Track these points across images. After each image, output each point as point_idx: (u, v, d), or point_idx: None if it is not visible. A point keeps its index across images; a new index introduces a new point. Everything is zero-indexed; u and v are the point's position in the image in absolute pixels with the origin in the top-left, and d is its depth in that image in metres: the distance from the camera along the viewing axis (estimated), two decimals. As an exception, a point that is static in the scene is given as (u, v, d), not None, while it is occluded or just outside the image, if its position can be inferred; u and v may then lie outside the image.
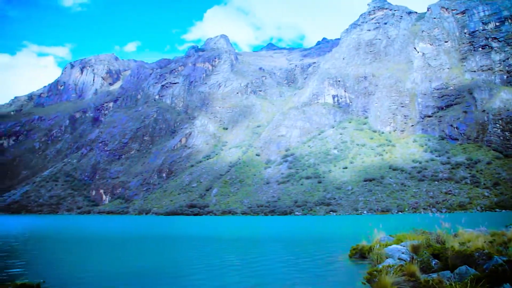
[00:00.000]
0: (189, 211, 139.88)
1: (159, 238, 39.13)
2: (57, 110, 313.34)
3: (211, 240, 36.27)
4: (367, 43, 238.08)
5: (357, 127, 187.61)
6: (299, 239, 36.38)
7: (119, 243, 34.35)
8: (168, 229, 56.82)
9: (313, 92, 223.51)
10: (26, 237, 39.98)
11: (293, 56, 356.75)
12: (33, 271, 17.89)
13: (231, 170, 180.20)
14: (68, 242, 36.32)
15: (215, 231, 52.53)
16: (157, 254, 25.05)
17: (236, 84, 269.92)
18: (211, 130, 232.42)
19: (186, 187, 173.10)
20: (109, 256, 24.73)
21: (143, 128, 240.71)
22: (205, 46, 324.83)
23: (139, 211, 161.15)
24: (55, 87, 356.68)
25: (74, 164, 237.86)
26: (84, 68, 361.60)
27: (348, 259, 19.68)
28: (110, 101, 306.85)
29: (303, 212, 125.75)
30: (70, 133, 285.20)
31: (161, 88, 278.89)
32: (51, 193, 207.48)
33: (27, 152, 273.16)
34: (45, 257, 24.09)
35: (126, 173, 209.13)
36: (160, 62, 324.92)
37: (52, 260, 22.60)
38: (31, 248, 29.81)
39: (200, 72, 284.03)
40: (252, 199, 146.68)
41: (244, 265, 19.57)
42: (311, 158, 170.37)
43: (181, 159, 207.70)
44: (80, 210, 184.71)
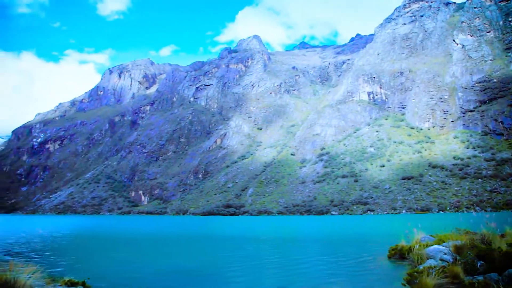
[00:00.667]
0: (225, 211, 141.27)
1: (197, 238, 39.74)
2: (97, 115, 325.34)
3: (249, 240, 36.43)
4: (403, 37, 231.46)
5: (394, 124, 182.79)
6: (337, 239, 35.89)
7: (159, 243, 35.17)
8: (205, 229, 57.60)
9: (348, 89, 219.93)
10: (72, 236, 41.73)
11: (327, 54, 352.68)
12: (79, 268, 18.65)
13: (266, 170, 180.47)
14: (111, 241, 37.61)
15: (252, 231, 52.74)
16: (196, 254, 25.44)
17: (270, 84, 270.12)
18: (246, 130, 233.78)
19: (222, 187, 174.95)
20: (150, 255, 25.36)
21: (179, 130, 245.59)
22: (238, 47, 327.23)
23: (176, 211, 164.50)
24: (95, 93, 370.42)
25: (114, 166, 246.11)
26: (122, 74, 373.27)
27: (386, 260, 19.21)
28: (147, 105, 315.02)
29: (340, 212, 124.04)
30: (110, 136, 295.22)
31: (195, 90, 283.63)
32: (93, 194, 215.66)
33: (71, 155, 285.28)
34: (90, 255, 25.04)
35: (164, 174, 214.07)
36: (194, 64, 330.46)
37: (96, 258, 23.45)
38: (76, 247, 31.11)
39: (233, 73, 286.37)
40: (287, 199, 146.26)
41: (283, 265, 19.51)
42: (346, 156, 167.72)
43: (216, 159, 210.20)
44: (121, 211, 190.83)
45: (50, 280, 11.21)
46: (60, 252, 26.24)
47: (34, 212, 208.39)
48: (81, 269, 18.32)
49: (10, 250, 25.74)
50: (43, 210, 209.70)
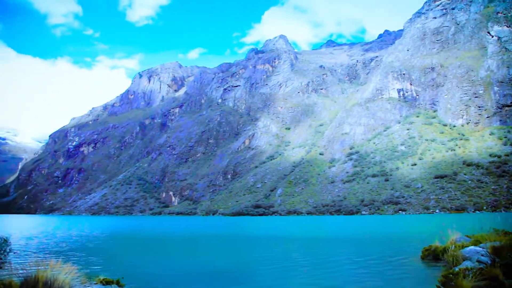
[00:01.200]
0: (255, 212, 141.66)
1: (227, 238, 40.11)
2: (128, 118, 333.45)
3: (279, 240, 36.46)
4: (433, 31, 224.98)
5: (426, 121, 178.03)
6: (368, 239, 35.37)
7: (190, 243, 35.73)
8: (235, 229, 57.98)
9: (377, 87, 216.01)
10: (106, 237, 43.00)
11: (354, 52, 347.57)
12: (113, 267, 19.24)
13: (295, 170, 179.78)
14: (143, 241, 38.52)
15: (281, 231, 52.70)
16: (226, 254, 25.70)
17: (297, 84, 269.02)
18: (274, 130, 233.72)
19: (251, 187, 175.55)
20: (181, 255, 25.83)
21: (207, 132, 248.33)
22: (264, 47, 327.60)
23: (206, 211, 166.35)
24: (126, 97, 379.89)
25: (145, 168, 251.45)
26: (151, 77, 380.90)
27: (420, 261, 18.80)
28: (176, 107, 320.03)
29: (370, 212, 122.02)
30: (140, 139, 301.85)
31: (223, 92, 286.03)
32: (125, 196, 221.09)
33: (104, 157, 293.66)
34: (123, 255, 25.75)
35: (193, 175, 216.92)
36: (222, 66, 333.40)
37: (129, 258, 24.09)
38: (110, 247, 32.04)
39: (260, 73, 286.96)
40: (317, 199, 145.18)
41: (314, 266, 19.43)
42: (377, 155, 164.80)
43: (245, 160, 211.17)
44: (152, 211, 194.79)
45: (86, 279, 11.64)
46: (95, 251, 27.11)
47: (70, 213, 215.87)
48: (115, 268, 18.88)
49: (50, 250, 26.83)
50: (79, 210, 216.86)
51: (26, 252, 24.88)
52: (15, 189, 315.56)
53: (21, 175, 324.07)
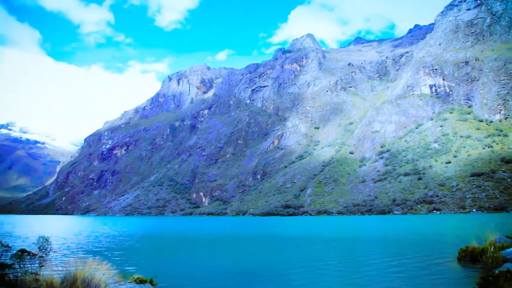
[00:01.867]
0: (284, 212, 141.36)
1: (258, 238, 40.22)
2: (159, 121, 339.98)
3: (309, 240, 36.24)
4: (467, 24, 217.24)
5: (460, 118, 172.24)
6: (401, 240, 34.59)
7: (220, 243, 36.09)
8: (265, 230, 58.06)
9: (408, 83, 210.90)
10: (139, 237, 44.03)
11: (384, 48, 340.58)
12: (146, 266, 19.70)
13: (324, 169, 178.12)
14: (175, 241, 39.22)
15: (312, 231, 52.36)
16: (257, 254, 25.78)
17: (325, 82, 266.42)
18: (303, 130, 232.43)
19: (281, 188, 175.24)
20: (212, 254, 26.13)
21: (236, 132, 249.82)
22: (292, 47, 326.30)
23: (236, 212, 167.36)
24: (156, 100, 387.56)
25: (176, 169, 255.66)
26: (180, 80, 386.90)
27: (456, 262, 18.22)
28: (205, 109, 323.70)
29: (403, 211, 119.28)
30: (171, 140, 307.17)
31: (251, 92, 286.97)
32: (157, 197, 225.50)
33: (136, 160, 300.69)
34: (156, 254, 26.30)
35: (223, 176, 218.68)
36: (249, 67, 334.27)
37: (162, 257, 24.58)
38: (144, 246, 32.79)
39: (288, 73, 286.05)
40: (347, 198, 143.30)
41: (347, 267, 19.20)
42: (409, 153, 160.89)
43: (274, 160, 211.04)
44: (183, 212, 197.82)
45: (121, 277, 11.97)
46: (129, 251, 27.82)
47: (105, 214, 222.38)
48: (148, 267, 19.33)
49: (87, 249, 27.77)
50: (113, 211, 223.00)
51: (65, 251, 25.84)
52: (53, 191, 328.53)
53: (59, 178, 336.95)
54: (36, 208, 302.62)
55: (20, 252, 10.86)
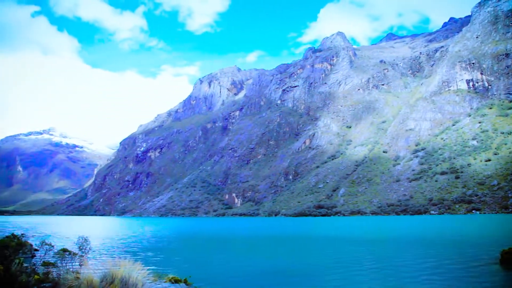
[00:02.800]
0: (317, 212, 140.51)
1: (291, 239, 40.51)
2: (191, 123, 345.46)
3: (343, 240, 36.21)
4: (507, 14, 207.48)
5: (501, 113, 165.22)
6: (439, 241, 33.93)
7: (254, 243, 36.63)
8: (298, 230, 58.17)
9: (443, 79, 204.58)
10: (173, 237, 45.31)
11: (417, 43, 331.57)
12: (180, 266, 20.47)
13: (357, 169, 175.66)
14: (208, 241, 40.13)
15: (345, 231, 52.08)
16: (291, 255, 26.13)
17: (357, 81, 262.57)
18: (335, 129, 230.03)
19: (313, 188, 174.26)
20: (245, 255, 26.68)
21: (268, 133, 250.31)
22: (322, 46, 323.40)
23: (268, 212, 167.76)
24: (188, 102, 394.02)
25: (208, 171, 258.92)
26: (211, 82, 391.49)
27: (498, 265, 17.88)
28: (236, 110, 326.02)
29: (440, 211, 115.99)
30: (203, 142, 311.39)
31: (282, 93, 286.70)
32: (190, 198, 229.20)
33: (170, 162, 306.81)
34: (190, 254, 27.15)
35: (255, 177, 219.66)
36: (279, 67, 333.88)
37: (196, 257, 25.38)
38: (178, 247, 33.82)
39: (319, 72, 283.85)
40: (381, 198, 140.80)
41: (382, 269, 19.14)
42: (445, 151, 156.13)
43: (306, 160, 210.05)
44: (216, 213, 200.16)
45: (156, 277, 12.65)
46: (164, 251, 28.85)
47: (140, 215, 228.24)
48: (183, 267, 20.09)
49: (124, 248, 29.02)
50: (148, 212, 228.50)
51: (103, 250, 27.14)
52: (92, 193, 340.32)
53: (97, 180, 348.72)
54: (75, 209, 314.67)
55: (62, 251, 11.63)
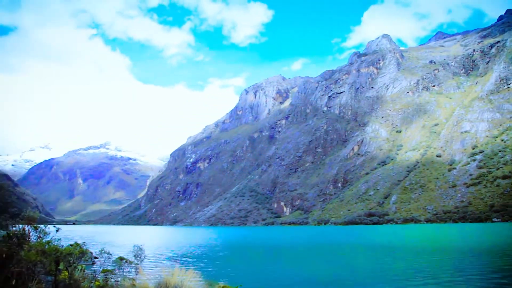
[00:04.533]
0: (368, 220, 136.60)
1: (342, 248, 39.55)
2: (238, 133, 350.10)
3: (397, 249, 34.76)
4: None
5: None
6: (505, 251, 31.49)
7: (304, 252, 36.12)
8: (350, 238, 56.74)
9: (501, 76, 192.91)
10: (224, 246, 45.68)
11: (469, 40, 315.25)
12: (232, 274, 20.59)
13: (409, 175, 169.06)
14: (259, 250, 40.13)
15: (399, 240, 50.07)
16: (343, 264, 25.45)
17: (405, 83, 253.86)
18: (384, 134, 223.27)
19: (363, 195, 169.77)
20: (296, 263, 26.35)
21: (315, 141, 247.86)
22: (367, 49, 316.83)
23: (318, 221, 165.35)
24: (235, 113, 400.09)
25: (256, 180, 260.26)
26: (257, 92, 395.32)
27: None
28: (282, 119, 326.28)
29: (503, 218, 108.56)
30: (250, 152, 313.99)
31: (328, 100, 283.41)
32: (239, 207, 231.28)
33: (218, 172, 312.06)
34: (241, 263, 27.26)
35: (303, 185, 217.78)
36: (324, 74, 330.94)
37: (246, 266, 25.45)
38: (229, 255, 34.05)
39: (365, 77, 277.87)
40: (437, 205, 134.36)
41: (449, 281, 17.95)
42: (506, 153, 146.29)
43: (355, 167, 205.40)
44: (265, 222, 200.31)
45: (208, 285, 12.79)
46: (215, 259, 29.23)
47: (191, 224, 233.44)
48: (234, 276, 20.20)
49: (176, 257, 29.72)
50: (198, 222, 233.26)
51: (157, 258, 27.98)
52: (145, 203, 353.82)
53: (149, 191, 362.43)
54: (130, 219, 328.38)
55: (119, 259, 12.18)
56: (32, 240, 10.09)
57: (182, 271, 11.24)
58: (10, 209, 25.23)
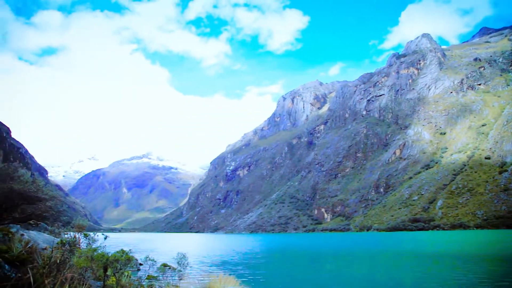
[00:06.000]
0: (413, 226, 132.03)
1: (388, 255, 38.40)
2: (276, 140, 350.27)
3: (446, 258, 33.27)
4: None
5: None
6: None
7: (348, 260, 35.35)
8: (394, 246, 55.03)
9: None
10: (264, 253, 45.60)
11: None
12: (273, 281, 20.51)
13: (456, 178, 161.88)
14: (301, 257, 39.77)
15: (448, 247, 47.95)
16: (389, 272, 24.66)
17: (448, 83, 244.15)
18: (427, 137, 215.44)
19: (407, 200, 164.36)
20: (340, 271, 25.81)
21: (355, 145, 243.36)
22: (406, 50, 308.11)
23: (360, 227, 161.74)
24: (273, 120, 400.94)
25: (296, 187, 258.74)
26: (294, 98, 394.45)
27: None
28: (321, 124, 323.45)
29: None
30: (289, 158, 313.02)
31: (367, 103, 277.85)
32: (279, 214, 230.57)
33: (258, 179, 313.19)
34: (282, 270, 27.10)
35: (344, 191, 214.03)
36: (362, 77, 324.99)
37: (288, 273, 25.25)
38: (269, 262, 33.96)
39: (405, 78, 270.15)
40: (487, 210, 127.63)
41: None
42: None
43: (397, 171, 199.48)
44: (306, 229, 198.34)
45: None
46: (256, 266, 29.28)
47: (232, 231, 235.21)
48: (275, 283, 20.12)
49: (217, 263, 30.09)
50: (239, 229, 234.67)
51: (199, 265, 28.44)
52: (187, 211, 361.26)
53: (191, 199, 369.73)
54: (173, 227, 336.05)
55: (163, 266, 12.55)
56: (82, 247, 10.69)
57: (224, 278, 11.42)
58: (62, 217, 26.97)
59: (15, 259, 4.68)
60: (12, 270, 4.64)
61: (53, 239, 12.50)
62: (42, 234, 15.43)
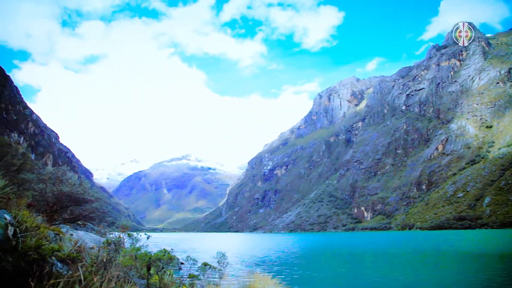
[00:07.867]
0: (458, 225, 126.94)
1: (436, 255, 37.13)
2: (313, 138, 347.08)
3: (495, 258, 31.67)
4: None
5: None
6: None
7: (390, 259, 34.44)
8: (434, 245, 53.06)
9: None
10: (303, 252, 45.26)
11: None
12: (312, 282, 20.29)
13: (505, 174, 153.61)
14: (341, 256, 39.22)
15: (497, 247, 45.64)
16: (437, 274, 23.83)
17: (494, 73, 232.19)
18: (471, 131, 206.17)
19: (451, 198, 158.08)
20: (383, 272, 25.19)
21: (394, 142, 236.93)
22: (446, 41, 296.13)
23: (401, 226, 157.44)
24: (309, 118, 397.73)
25: (335, 185, 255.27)
26: (331, 96, 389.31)
27: None
28: (359, 121, 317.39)
29: None
30: (327, 157, 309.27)
31: (406, 98, 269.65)
32: (318, 213, 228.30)
33: (296, 178, 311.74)
34: (322, 270, 26.76)
35: (384, 189, 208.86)
36: (400, 71, 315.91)
37: (327, 273, 24.93)
38: (308, 262, 33.69)
39: (446, 71, 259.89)
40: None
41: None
42: None
43: (440, 168, 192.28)
44: (345, 228, 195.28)
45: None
46: (296, 266, 29.16)
47: (271, 231, 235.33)
48: (315, 283, 19.92)
49: (257, 263, 30.24)
50: (277, 228, 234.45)
51: (239, 265, 28.68)
52: (225, 211, 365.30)
53: (229, 199, 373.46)
54: (212, 227, 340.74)
55: (204, 265, 12.76)
56: (126, 246, 11.05)
57: (264, 277, 11.33)
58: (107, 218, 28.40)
59: (66, 257, 5.06)
60: (64, 267, 5.01)
61: (100, 239, 13.06)
62: (89, 234, 16.16)
